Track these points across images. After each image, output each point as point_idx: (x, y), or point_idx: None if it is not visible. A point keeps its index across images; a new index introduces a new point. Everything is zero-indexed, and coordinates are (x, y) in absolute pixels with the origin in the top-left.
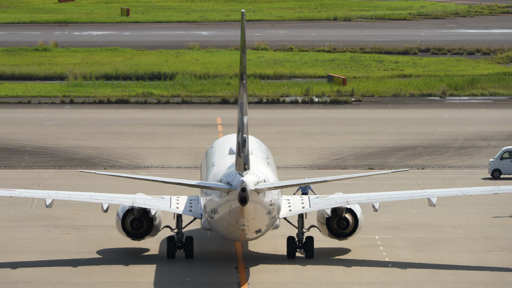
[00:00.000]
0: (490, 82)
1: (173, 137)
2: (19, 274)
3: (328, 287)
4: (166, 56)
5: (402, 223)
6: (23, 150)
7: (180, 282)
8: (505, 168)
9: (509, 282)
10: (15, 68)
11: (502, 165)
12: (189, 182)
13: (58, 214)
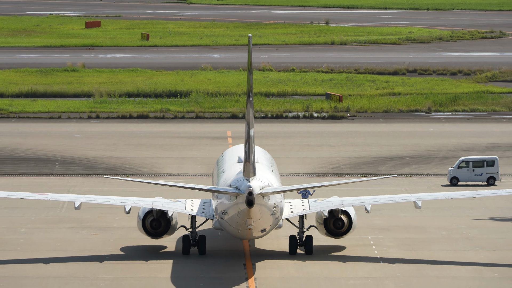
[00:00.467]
0: (471, 100)
1: (188, 148)
2: (50, 270)
3: (326, 282)
4: (181, 76)
5: (392, 224)
6: (54, 159)
7: (194, 277)
8: (462, 176)
9: (488, 277)
10: (47, 86)
11: (459, 173)
12: (202, 187)
13: (85, 217)
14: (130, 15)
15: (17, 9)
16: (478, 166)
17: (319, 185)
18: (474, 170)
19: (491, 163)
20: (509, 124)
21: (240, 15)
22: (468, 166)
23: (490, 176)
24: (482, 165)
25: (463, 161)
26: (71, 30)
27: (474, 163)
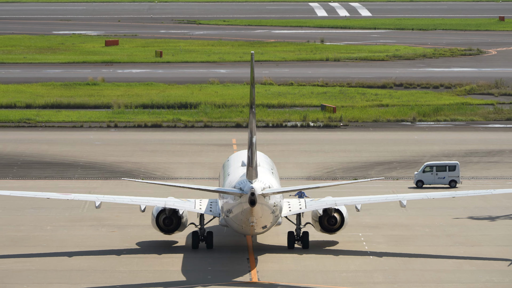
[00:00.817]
0: (451, 110)
1: (197, 154)
2: (73, 264)
3: (322, 275)
4: (191, 89)
5: (381, 223)
6: (76, 164)
7: (203, 270)
8: (426, 179)
9: (467, 270)
10: (70, 99)
11: (424, 177)
12: (209, 188)
13: (104, 216)
14: (145, 34)
15: (43, 29)
16: (441, 171)
17: (314, 187)
18: (437, 174)
19: (452, 168)
20: (486, 133)
21: (244, 35)
22: (432, 171)
23: (452, 179)
24: (444, 169)
25: (427, 166)
26: (92, 48)
27: (438, 168)
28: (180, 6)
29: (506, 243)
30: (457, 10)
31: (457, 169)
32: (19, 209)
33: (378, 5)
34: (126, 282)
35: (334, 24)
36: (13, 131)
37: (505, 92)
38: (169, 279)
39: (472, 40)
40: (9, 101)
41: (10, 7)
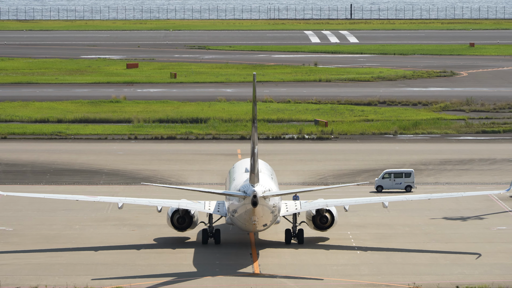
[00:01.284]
0: (428, 125)
1: (207, 162)
2: (99, 258)
3: (315, 268)
4: (202, 106)
5: (367, 222)
6: (101, 171)
7: (211, 263)
8: (385, 184)
9: (442, 263)
10: (96, 114)
11: (383, 183)
12: (217, 191)
13: (126, 217)
14: (162, 58)
15: (73, 54)
16: (398, 177)
17: (307, 190)
18: (395, 180)
19: (408, 175)
20: (458, 144)
21: (247, 59)
22: (390, 177)
23: (407, 184)
24: (401, 176)
25: (386, 173)
26: (115, 70)
27: (395, 175)
28: (192, 34)
29: (476, 240)
30: (433, 38)
31: (412, 176)
32: (51, 211)
33: (364, 33)
34: (145, 273)
35: (326, 50)
36: (46, 142)
37: (475, 109)
38: (182, 270)
39: (446, 63)
40: (43, 116)
41: (44, 35)
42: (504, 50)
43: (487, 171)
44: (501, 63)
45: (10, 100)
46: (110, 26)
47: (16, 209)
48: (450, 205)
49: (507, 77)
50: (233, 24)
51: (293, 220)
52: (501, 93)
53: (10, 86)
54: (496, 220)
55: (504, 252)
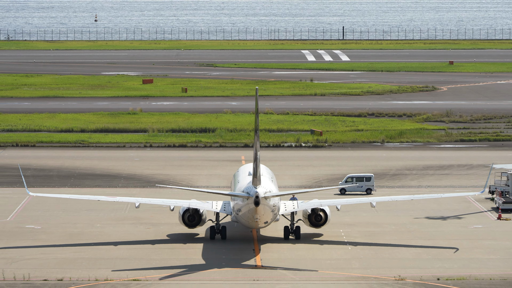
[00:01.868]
0: (412, 134)
1: (214, 168)
2: (118, 253)
3: (311, 262)
4: (210, 117)
5: (357, 221)
6: (120, 176)
7: (218, 256)
8: (348, 188)
9: (424, 258)
10: (115, 125)
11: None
12: (223, 192)
13: (142, 216)
14: (174, 75)
15: (94, 71)
16: (359, 181)
17: (303, 191)
18: (357, 183)
19: (368, 179)
20: (439, 151)
21: (250, 75)
22: (352, 181)
23: (368, 187)
24: (362, 180)
25: (349, 177)
26: (132, 85)
27: (357, 179)
28: (201, 53)
29: (455, 237)
30: (416, 56)
31: (372, 180)
32: (75, 211)
33: (355, 52)
34: (159, 265)
35: (320, 67)
36: (71, 150)
37: (454, 120)
38: (192, 263)
39: (428, 79)
40: (68, 127)
41: (69, 54)
42: (480, 67)
43: (465, 175)
44: (477, 79)
45: (39, 112)
46: (128, 46)
47: (44, 209)
48: (431, 206)
49: (482, 92)
50: (238, 44)
51: (291, 218)
52: (477, 106)
53: (39, 99)
54: (473, 219)
55: (480, 248)
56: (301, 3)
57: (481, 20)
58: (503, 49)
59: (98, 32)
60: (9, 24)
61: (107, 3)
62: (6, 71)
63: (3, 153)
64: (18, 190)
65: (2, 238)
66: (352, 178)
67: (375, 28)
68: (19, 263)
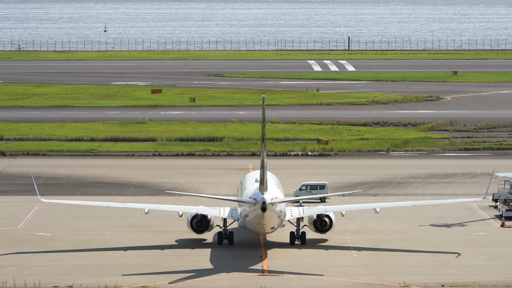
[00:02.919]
0: (416, 143)
1: (222, 176)
2: (127, 260)
3: (318, 269)
4: (217, 126)
5: (363, 229)
6: (129, 184)
7: (226, 261)
8: (302, 195)
9: (428, 265)
10: (125, 134)
11: (300, 194)
12: (231, 198)
13: (150, 224)
14: (182, 85)
15: (104, 81)
16: (313, 189)
17: (308, 197)
18: (311, 191)
19: (322, 187)
20: (443, 160)
21: (258, 85)
22: (307, 189)
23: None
24: (316, 188)
25: (303, 185)
26: (141, 95)
27: (311, 187)
28: (209, 63)
29: (459, 245)
30: (421, 66)
31: (326, 188)
32: (85, 219)
33: (360, 62)
34: (168, 270)
35: (326, 77)
36: (80, 158)
37: (457, 129)
38: (200, 267)
39: (432, 89)
40: (78, 135)
41: (79, 64)
42: (483, 77)
43: (469, 183)
44: (481, 88)
45: (49, 121)
46: (137, 57)
47: (54, 217)
48: (436, 213)
49: (486, 101)
50: (245, 55)
51: (296, 223)
52: (480, 115)
53: (49, 109)
54: (476, 227)
55: (484, 255)
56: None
57: (484, 30)
58: (506, 59)
59: (108, 43)
60: (20, 35)
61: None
62: (17, 81)
63: (14, 161)
64: (29, 198)
65: (13, 245)
66: (307, 186)
67: (380, 39)
68: (30, 270)
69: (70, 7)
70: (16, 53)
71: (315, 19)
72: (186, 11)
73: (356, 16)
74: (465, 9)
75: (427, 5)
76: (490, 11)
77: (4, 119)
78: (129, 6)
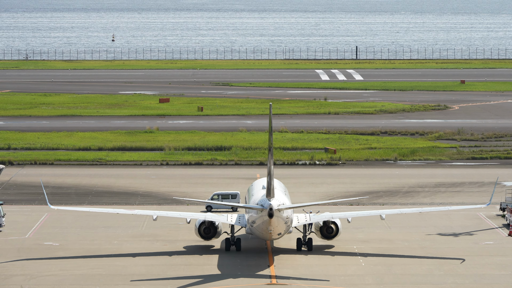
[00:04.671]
0: (424, 152)
1: (230, 185)
2: (134, 270)
3: (325, 277)
4: (225, 136)
5: (371, 238)
6: (137, 193)
7: (233, 267)
8: (214, 205)
9: (436, 274)
10: (132, 143)
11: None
12: (238, 204)
13: (159, 233)
14: (190, 94)
15: (112, 90)
16: (225, 198)
17: (314, 204)
18: (223, 200)
19: (234, 196)
20: (451, 169)
21: (265, 94)
22: (219, 198)
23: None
24: (228, 197)
25: (215, 194)
26: (149, 104)
27: (223, 196)
28: (216, 72)
29: (466, 253)
30: (428, 76)
31: (237, 198)
32: (93, 228)
33: (368, 71)
34: (176, 275)
35: (334, 86)
36: (88, 168)
37: (465, 138)
38: (209, 272)
39: (440, 98)
40: (86, 145)
41: (86, 73)
42: (491, 86)
43: (476, 192)
44: (488, 98)
45: (57, 131)
46: (145, 66)
47: (62, 226)
48: (443, 222)
49: (494, 110)
50: (253, 64)
51: (303, 230)
52: (488, 124)
53: (57, 118)
54: (484, 236)
55: (491, 264)
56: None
57: (492, 40)
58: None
59: (115, 52)
60: (28, 44)
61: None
62: (25, 90)
63: (22, 171)
64: (37, 208)
65: (21, 254)
66: (218, 195)
67: (388, 48)
68: (38, 279)
69: (78, 17)
70: (23, 62)
71: (323, 28)
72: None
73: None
74: (473, 18)
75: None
76: (498, 20)
77: (12, 129)
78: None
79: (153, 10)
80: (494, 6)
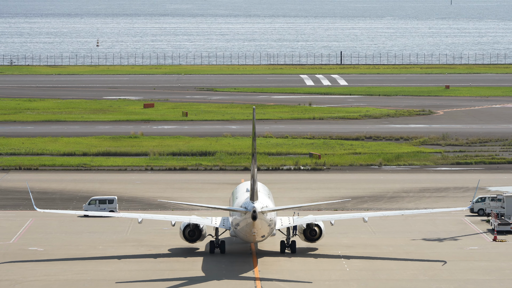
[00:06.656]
0: (409, 157)
1: (214, 190)
2: (119, 275)
3: (310, 284)
4: (210, 141)
5: (356, 243)
6: (121, 198)
7: (218, 269)
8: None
9: (421, 279)
10: (117, 148)
11: (89, 208)
12: (223, 207)
13: (143, 239)
14: (175, 99)
15: (96, 95)
16: (102, 203)
17: (297, 206)
18: (99, 205)
19: (111, 201)
20: (435, 174)
21: (250, 99)
22: (96, 203)
23: (110, 210)
24: (105, 202)
25: (93, 199)
26: (134, 109)
27: (100, 201)
28: (201, 77)
29: (451, 259)
30: (413, 81)
31: (114, 202)
32: (77, 233)
33: (353, 77)
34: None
35: (319, 91)
36: (73, 173)
37: (450, 143)
38: (193, 275)
39: (425, 103)
40: (70, 150)
41: (71, 78)
42: (475, 91)
43: (461, 197)
44: (473, 103)
45: (41, 136)
46: (129, 71)
47: (47, 232)
48: (428, 227)
49: (478, 116)
50: (237, 69)
51: (287, 232)
52: (473, 129)
53: (41, 123)
54: (468, 241)
55: (476, 269)
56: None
57: (476, 45)
58: (498, 73)
59: (100, 57)
60: (12, 49)
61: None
62: (9, 96)
63: (7, 176)
64: (22, 213)
65: (6, 260)
66: (96, 200)
67: (373, 53)
68: (23, 285)
69: (62, 22)
70: (8, 67)
71: (307, 33)
72: (178, 25)
73: (348, 30)
74: (457, 24)
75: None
76: (482, 25)
77: None
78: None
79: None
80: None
